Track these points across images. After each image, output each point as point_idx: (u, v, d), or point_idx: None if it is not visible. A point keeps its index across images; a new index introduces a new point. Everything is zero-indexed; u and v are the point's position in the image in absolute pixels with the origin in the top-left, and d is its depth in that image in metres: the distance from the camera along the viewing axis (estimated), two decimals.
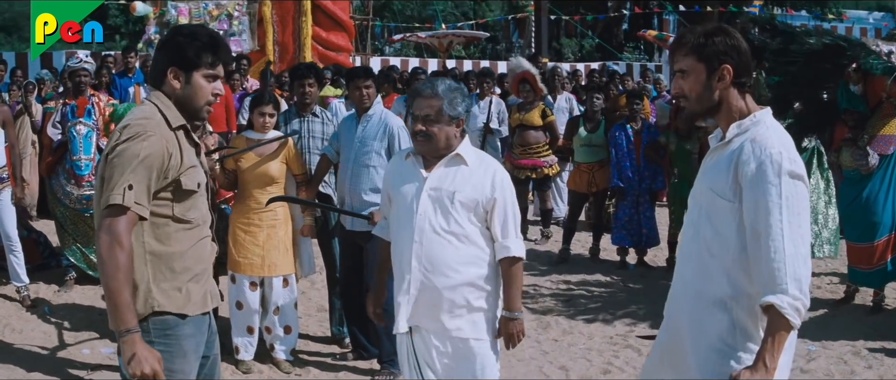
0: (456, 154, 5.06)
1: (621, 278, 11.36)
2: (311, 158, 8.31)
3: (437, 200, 4.99)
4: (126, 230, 3.98)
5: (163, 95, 4.28)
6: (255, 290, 7.77)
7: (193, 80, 4.26)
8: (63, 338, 8.66)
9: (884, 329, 8.98)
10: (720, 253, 3.86)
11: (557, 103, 14.79)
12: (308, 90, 8.41)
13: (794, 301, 3.57)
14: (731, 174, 3.80)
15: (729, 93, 3.91)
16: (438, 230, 4.97)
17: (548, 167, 12.75)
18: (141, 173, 4.01)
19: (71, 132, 9.66)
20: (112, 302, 3.95)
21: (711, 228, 3.89)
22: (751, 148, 3.76)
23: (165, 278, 4.19)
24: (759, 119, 3.88)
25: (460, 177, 5.03)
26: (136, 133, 4.06)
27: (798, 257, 3.62)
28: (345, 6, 23.19)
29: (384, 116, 7.80)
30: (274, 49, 21.49)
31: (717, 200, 3.85)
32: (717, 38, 3.89)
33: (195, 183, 4.27)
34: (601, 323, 9.38)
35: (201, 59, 4.24)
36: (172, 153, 4.14)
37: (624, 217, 11.78)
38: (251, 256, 7.69)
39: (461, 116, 5.06)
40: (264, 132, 7.81)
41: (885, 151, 9.10)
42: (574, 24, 48.70)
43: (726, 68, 3.87)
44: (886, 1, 57.81)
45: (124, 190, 3.96)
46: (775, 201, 3.65)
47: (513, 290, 5.11)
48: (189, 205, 4.27)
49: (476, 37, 31.97)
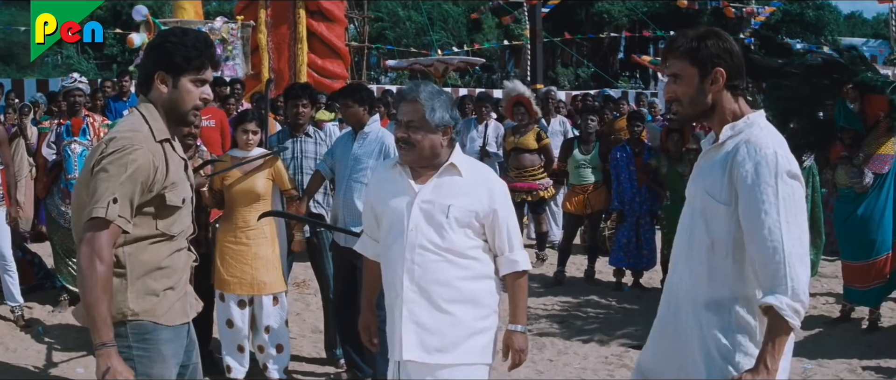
0: (450, 164, 4.74)
1: (617, 300, 11.32)
2: (303, 178, 8.31)
3: (430, 215, 4.67)
4: (107, 244, 3.96)
5: (150, 106, 4.25)
6: (244, 308, 7.68)
7: (181, 85, 4.22)
8: (56, 358, 8.62)
9: (880, 347, 8.95)
10: (716, 255, 3.84)
11: (551, 127, 14.81)
12: (301, 110, 8.41)
13: (793, 302, 3.55)
14: (725, 177, 3.77)
15: (722, 96, 3.89)
16: (432, 247, 4.64)
17: (543, 190, 12.73)
18: (126, 187, 3.99)
19: (66, 151, 9.64)
20: (89, 315, 3.93)
21: (706, 230, 3.86)
22: (746, 150, 3.73)
23: (144, 288, 4.17)
24: (753, 121, 3.86)
25: (455, 188, 4.71)
26: (122, 146, 4.04)
27: (796, 257, 3.60)
28: (340, 33, 23.22)
29: (381, 134, 7.77)
30: (270, 76, 21.47)
31: (712, 202, 3.82)
32: (710, 41, 3.87)
33: (180, 199, 4.25)
34: (596, 343, 9.34)
35: (189, 64, 4.20)
36: (158, 167, 4.12)
37: (623, 239, 11.75)
38: (239, 274, 7.59)
39: (448, 124, 4.72)
40: (248, 150, 7.75)
41: (880, 170, 9.10)
42: (570, 51, 48.87)
43: (719, 71, 3.85)
44: (882, 29, 58.05)
45: (108, 204, 3.94)
46: (772, 202, 3.63)
47: (520, 303, 4.89)
48: (172, 220, 4.25)
49: (472, 62, 31.98)
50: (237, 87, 15.01)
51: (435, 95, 4.73)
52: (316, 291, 9.05)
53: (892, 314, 10.16)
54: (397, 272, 4.71)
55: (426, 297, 4.67)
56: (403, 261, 4.67)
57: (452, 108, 4.78)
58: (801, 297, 3.57)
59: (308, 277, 10.84)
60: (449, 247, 4.66)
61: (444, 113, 4.70)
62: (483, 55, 43.23)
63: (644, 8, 58.57)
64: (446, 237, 4.66)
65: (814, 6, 61.97)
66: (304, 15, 22.06)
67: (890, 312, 10.18)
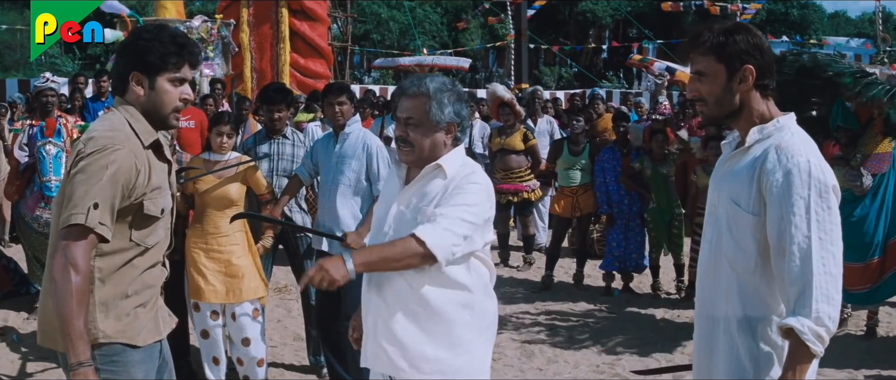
0: (436, 165, 4.20)
1: (606, 306, 11.06)
2: (281, 180, 8.04)
3: (404, 218, 4.21)
4: (84, 253, 3.67)
5: (130, 106, 3.95)
6: (217, 319, 7.42)
7: (158, 86, 3.94)
8: (31, 368, 8.32)
9: (879, 354, 8.75)
10: (743, 270, 3.56)
11: (538, 127, 14.59)
12: (277, 116, 8.13)
13: (816, 327, 3.28)
14: (754, 185, 3.50)
15: (751, 96, 3.61)
16: None
17: (529, 192, 12.49)
18: (107, 191, 3.70)
19: (40, 153, 9.38)
20: (64, 331, 3.63)
21: (733, 242, 3.59)
22: (776, 156, 3.46)
23: (114, 306, 3.86)
24: (783, 124, 3.59)
25: (433, 191, 4.18)
26: (102, 146, 3.74)
27: (827, 277, 3.33)
28: (323, 33, 23.08)
29: (362, 134, 7.53)
30: (252, 76, 21.34)
31: (739, 212, 3.55)
32: (739, 35, 3.59)
33: (159, 209, 3.96)
34: (587, 351, 9.06)
35: (166, 62, 3.91)
36: (140, 170, 3.83)
37: (613, 242, 11.53)
38: (213, 282, 7.30)
39: (453, 121, 4.23)
40: (222, 153, 7.49)
41: (878, 170, 8.87)
42: (553, 52, 48.76)
43: (748, 69, 3.57)
44: (866, 28, 58.19)
45: (89, 209, 3.65)
46: (803, 216, 3.36)
47: (377, 249, 4.06)
48: (149, 231, 3.96)
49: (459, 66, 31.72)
50: (217, 87, 14.76)
51: (444, 89, 4.23)
52: (298, 296, 8.75)
53: (889, 320, 9.97)
54: (370, 279, 4.29)
55: (390, 307, 4.20)
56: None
57: (461, 102, 4.29)
58: (825, 322, 3.29)
59: (289, 281, 10.59)
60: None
61: (451, 108, 4.21)
62: (466, 56, 43.00)
63: (628, 8, 58.56)
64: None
65: (798, 5, 62.02)
66: (287, 14, 21.97)
67: (887, 317, 10.01)
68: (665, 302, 11.16)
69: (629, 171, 11.32)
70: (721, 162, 3.80)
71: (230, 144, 7.52)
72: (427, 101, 4.19)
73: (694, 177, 10.96)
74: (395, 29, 54.99)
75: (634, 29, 57.44)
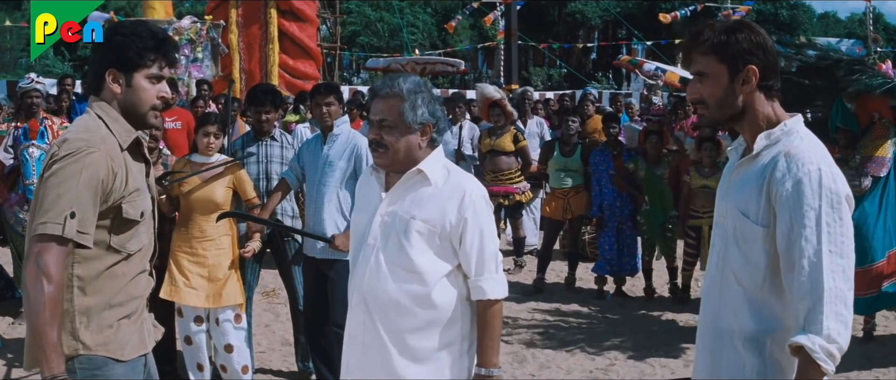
0: (418, 171, 4.07)
1: (599, 309, 10.93)
2: (268, 183, 7.89)
3: (390, 228, 4.05)
4: (58, 262, 3.49)
5: (107, 105, 3.79)
6: (201, 324, 7.27)
7: (135, 83, 3.77)
8: (15, 374, 8.16)
9: (876, 357, 8.65)
10: (751, 284, 3.39)
11: (528, 128, 14.45)
12: (265, 118, 7.97)
13: (827, 344, 3.10)
14: (763, 195, 3.33)
15: (754, 98, 3.44)
16: (386, 264, 4.03)
17: (520, 194, 12.34)
18: (84, 196, 3.54)
19: (23, 156, 9.22)
20: (37, 343, 3.46)
21: (740, 255, 3.42)
22: (785, 164, 3.29)
23: (96, 316, 3.69)
24: (791, 128, 3.41)
25: (420, 199, 4.05)
26: (76, 149, 3.58)
27: (837, 294, 3.15)
28: (312, 34, 22.96)
29: (351, 135, 7.42)
30: (240, 77, 21.23)
31: (747, 223, 3.37)
32: (741, 34, 3.40)
33: (138, 212, 3.78)
34: (580, 356, 8.93)
35: (143, 59, 3.75)
36: (117, 173, 3.67)
37: (606, 245, 11.39)
38: (196, 287, 7.14)
39: (428, 122, 4.07)
40: (209, 154, 7.35)
41: (877, 173, 8.74)
42: (542, 51, 48.72)
43: (752, 69, 3.39)
44: (856, 28, 58.26)
45: (65, 218, 3.48)
46: (813, 228, 3.19)
47: (487, 340, 4.08)
48: (129, 236, 3.78)
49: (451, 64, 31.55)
50: (204, 87, 14.61)
51: (417, 89, 4.06)
52: (286, 300, 8.60)
53: (886, 323, 9.87)
54: (354, 289, 4.15)
55: (373, 320, 4.06)
56: (359, 278, 4.12)
57: (436, 103, 4.13)
58: (837, 339, 3.12)
59: (278, 285, 10.42)
60: (408, 267, 4.02)
61: (425, 109, 4.05)
62: (456, 56, 42.91)
63: (617, 8, 58.59)
64: (404, 256, 4.02)
65: (788, 6, 62.14)
66: (276, 15, 21.86)
67: (884, 320, 9.90)
68: (658, 305, 11.04)
69: (623, 172, 11.19)
70: (728, 171, 3.63)
71: (217, 145, 7.38)
72: (400, 102, 4.03)
73: (687, 178, 10.84)
74: (384, 30, 54.91)
75: (623, 29, 57.50)
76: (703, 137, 10.94)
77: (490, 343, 4.09)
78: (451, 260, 4.09)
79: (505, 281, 4.15)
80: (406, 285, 4.02)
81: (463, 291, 4.12)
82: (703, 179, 10.63)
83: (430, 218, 4.02)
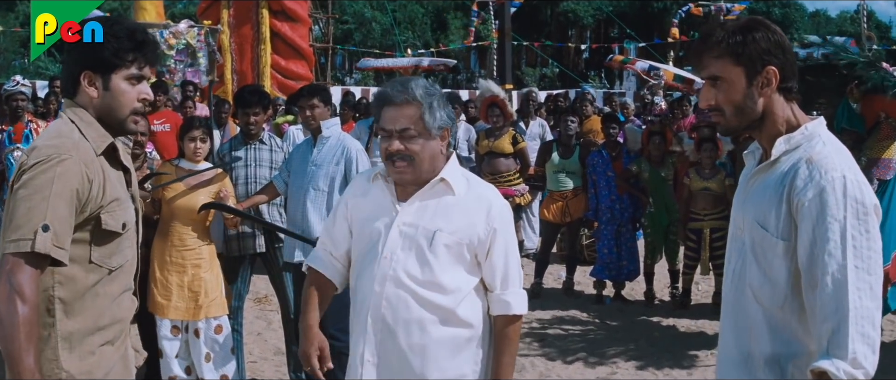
0: (441, 179, 3.86)
1: (599, 314, 10.69)
2: (256, 188, 7.66)
3: (412, 241, 3.81)
4: (32, 281, 3.21)
5: (80, 109, 3.51)
6: (178, 335, 6.99)
7: (113, 85, 3.48)
8: None
9: (884, 363, 8.34)
10: (771, 303, 3.10)
11: (530, 130, 14.16)
12: (253, 120, 7.72)
13: (853, 370, 2.81)
14: (783, 205, 3.04)
15: (774, 101, 3.15)
16: (408, 280, 3.78)
17: (519, 197, 12.07)
18: (58, 208, 3.25)
19: (8, 160, 9.03)
20: (13, 370, 3.17)
21: (759, 271, 3.13)
22: (807, 172, 3.01)
23: (79, 342, 3.41)
24: (812, 132, 3.13)
25: (445, 210, 3.84)
26: (47, 156, 3.30)
27: (863, 314, 2.86)
28: (304, 34, 22.82)
29: (342, 138, 7.21)
30: (232, 78, 21.08)
31: (766, 236, 3.09)
32: (757, 33, 3.12)
33: (120, 223, 3.49)
34: (580, 365, 8.69)
35: (121, 59, 3.46)
36: (93, 181, 3.37)
37: (604, 249, 11.15)
38: (175, 298, 6.89)
39: (446, 126, 3.86)
40: (196, 160, 7.12)
41: (884, 176, 8.53)
42: (535, 51, 48.60)
43: (771, 71, 3.11)
44: (847, 26, 58.30)
45: (37, 232, 3.20)
46: (838, 241, 2.90)
47: (507, 357, 3.91)
48: (111, 249, 3.49)
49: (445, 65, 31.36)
50: (189, 88, 14.35)
51: (430, 91, 3.85)
52: (278, 307, 8.34)
53: (892, 328, 9.66)
54: (364, 306, 3.87)
55: (393, 339, 3.82)
56: (371, 294, 3.83)
57: (447, 105, 3.92)
58: (863, 364, 2.82)
59: (270, 292, 10.17)
60: (430, 281, 3.80)
61: (442, 112, 3.84)
62: (449, 56, 42.78)
63: (610, 7, 58.48)
64: (428, 270, 3.79)
65: (780, 4, 62.10)
66: (268, 15, 21.69)
67: (889, 325, 9.69)
68: (659, 310, 10.82)
69: (626, 174, 10.96)
70: (745, 179, 3.36)
71: (205, 150, 7.14)
72: (419, 107, 3.79)
73: (687, 180, 10.63)
74: (377, 29, 54.77)
75: (615, 28, 57.39)
76: (702, 138, 10.72)
77: (509, 361, 3.95)
78: (476, 273, 3.91)
79: (526, 297, 4.01)
80: (431, 301, 3.81)
81: (485, 305, 3.95)
82: (704, 181, 10.43)
83: (457, 230, 3.83)
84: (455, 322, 3.85)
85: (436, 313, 3.81)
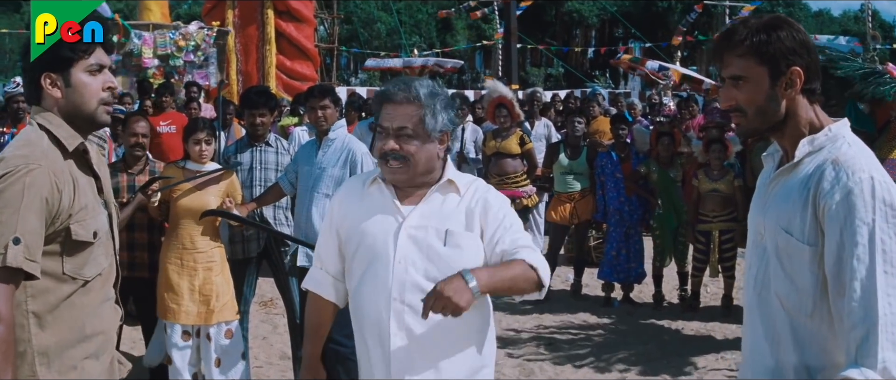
0: (448, 181, 3.79)
1: (607, 317, 10.58)
2: (261, 190, 7.57)
3: (423, 243, 3.69)
4: (5, 297, 3.09)
5: (49, 114, 3.38)
6: (189, 340, 6.88)
7: (75, 80, 3.36)
8: None
9: None
10: (798, 311, 2.97)
11: (535, 130, 14.06)
12: (259, 121, 7.65)
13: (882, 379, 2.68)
14: (808, 209, 2.91)
15: (797, 103, 3.04)
16: (428, 284, 3.56)
17: (526, 198, 11.93)
18: (29, 220, 3.13)
19: None
20: None
21: (785, 278, 2.99)
22: (833, 173, 2.87)
23: (57, 356, 3.28)
24: (837, 134, 3.00)
25: (452, 209, 3.75)
26: (15, 167, 3.17)
27: (895, 319, 2.73)
28: (310, 34, 22.84)
29: (347, 140, 7.11)
30: (237, 79, 21.06)
31: (792, 242, 2.95)
32: (782, 32, 2.99)
33: (90, 232, 3.36)
34: (589, 369, 8.60)
35: (75, 51, 3.33)
36: (63, 190, 3.26)
37: (612, 251, 11.03)
38: (186, 302, 6.77)
39: (447, 130, 3.76)
40: (202, 162, 7.01)
41: (893, 177, 8.39)
42: (541, 51, 48.52)
43: (796, 71, 2.98)
44: (850, 25, 58.19)
45: (7, 246, 3.07)
46: (866, 245, 2.76)
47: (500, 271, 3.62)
48: (84, 259, 3.36)
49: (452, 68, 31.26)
50: (193, 89, 14.23)
51: (436, 94, 3.74)
52: (284, 311, 8.25)
53: None
54: (380, 317, 3.69)
55: (422, 347, 3.68)
56: (389, 303, 3.66)
57: (453, 108, 3.81)
58: (893, 372, 2.69)
59: (275, 295, 10.08)
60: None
61: (445, 115, 3.73)
62: (454, 56, 42.72)
63: (614, 7, 58.38)
64: (445, 268, 3.60)
65: (784, 3, 62.00)
66: (273, 16, 21.71)
67: None
68: (667, 313, 10.70)
69: (635, 175, 10.86)
70: (765, 182, 3.22)
71: (210, 152, 7.03)
72: (420, 108, 3.69)
73: (695, 181, 10.53)
74: (382, 30, 54.71)
75: (620, 28, 57.36)
76: (710, 139, 10.62)
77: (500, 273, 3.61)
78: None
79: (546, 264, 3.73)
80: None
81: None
82: (712, 182, 10.34)
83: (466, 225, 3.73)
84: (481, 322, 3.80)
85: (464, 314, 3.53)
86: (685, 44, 39.96)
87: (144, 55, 19.04)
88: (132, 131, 7.25)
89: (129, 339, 8.19)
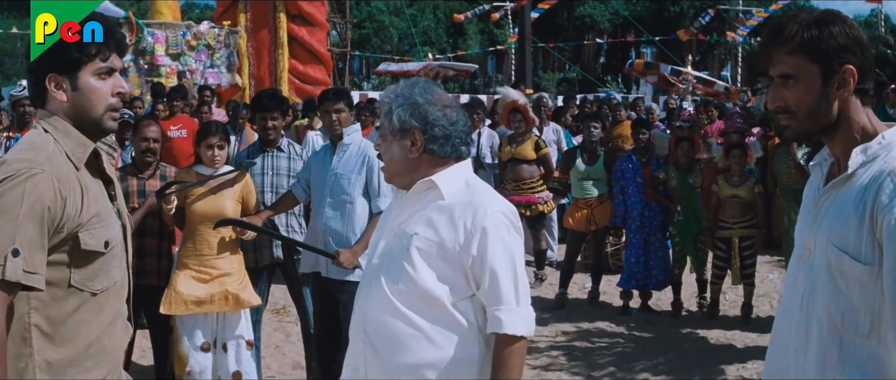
0: (429, 181, 3.54)
1: (626, 326, 10.37)
2: (274, 197, 7.41)
3: (393, 245, 3.55)
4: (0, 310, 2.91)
5: (55, 118, 3.21)
6: (209, 350, 6.71)
7: (82, 84, 3.19)
8: None
9: None
10: (853, 330, 2.75)
11: (544, 135, 13.86)
12: (271, 124, 7.49)
13: None
14: (865, 224, 2.69)
15: (850, 104, 2.84)
16: (387, 288, 3.45)
17: (542, 204, 11.79)
18: (28, 229, 2.95)
19: None
20: None
21: (838, 298, 2.78)
22: (891, 185, 2.66)
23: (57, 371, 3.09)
24: (890, 141, 2.79)
25: (429, 214, 3.49)
26: (16, 171, 3.00)
27: None
28: (322, 38, 22.72)
29: (363, 145, 6.90)
30: (249, 82, 20.96)
31: (846, 261, 2.73)
32: (835, 28, 2.81)
33: (101, 242, 3.18)
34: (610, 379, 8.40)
35: (86, 53, 3.16)
36: (67, 197, 3.07)
37: (632, 258, 10.83)
38: (203, 292, 6.59)
39: (410, 128, 3.52)
40: (214, 167, 6.85)
41: None
42: (553, 53, 48.41)
43: (849, 70, 2.79)
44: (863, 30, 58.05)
45: (6, 258, 2.89)
46: None
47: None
48: (94, 271, 3.18)
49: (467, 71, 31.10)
50: (206, 94, 14.09)
51: (397, 93, 3.62)
52: (297, 319, 8.07)
53: None
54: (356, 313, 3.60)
55: (375, 353, 3.48)
56: (359, 299, 3.61)
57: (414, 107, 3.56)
58: None
59: (288, 302, 9.91)
60: (409, 291, 3.42)
61: (400, 113, 3.55)
62: (466, 60, 42.65)
63: (626, 11, 58.25)
64: (406, 277, 3.43)
65: (796, 8, 61.88)
66: (285, 19, 21.59)
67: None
68: (687, 321, 10.50)
69: (653, 181, 10.66)
70: (813, 194, 3.01)
71: (223, 157, 6.87)
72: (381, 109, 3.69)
73: (715, 187, 10.35)
74: (394, 34, 54.66)
75: (632, 32, 57.18)
76: (730, 144, 10.44)
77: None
78: (461, 287, 3.46)
79: (531, 316, 3.47)
80: (405, 314, 3.41)
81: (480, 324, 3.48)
82: (733, 188, 10.16)
83: (435, 233, 3.45)
84: (428, 341, 3.43)
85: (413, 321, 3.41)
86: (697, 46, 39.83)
87: (157, 52, 18.92)
88: (143, 136, 7.11)
89: (137, 348, 8.01)
